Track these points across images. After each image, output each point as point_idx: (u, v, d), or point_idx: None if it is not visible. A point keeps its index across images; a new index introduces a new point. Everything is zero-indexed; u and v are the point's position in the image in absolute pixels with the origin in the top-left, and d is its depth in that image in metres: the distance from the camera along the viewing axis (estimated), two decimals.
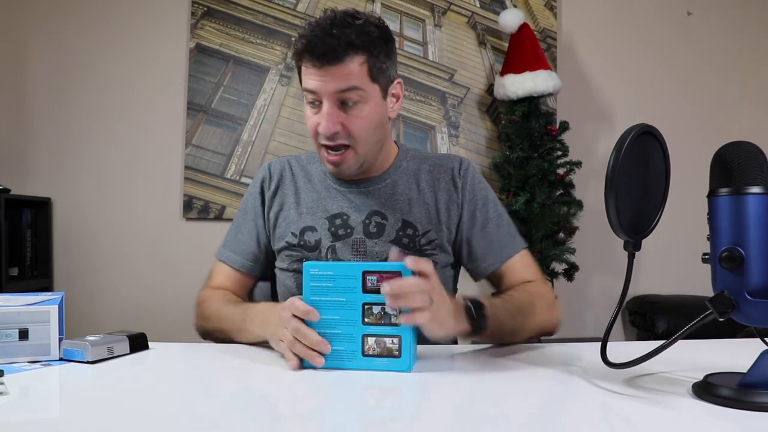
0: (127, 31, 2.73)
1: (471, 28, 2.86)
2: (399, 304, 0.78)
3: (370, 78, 1.00)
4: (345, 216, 1.10)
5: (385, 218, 1.10)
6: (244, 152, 2.71)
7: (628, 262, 0.77)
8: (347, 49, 0.96)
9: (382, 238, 1.09)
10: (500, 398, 0.74)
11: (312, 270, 0.83)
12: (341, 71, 0.96)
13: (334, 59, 0.96)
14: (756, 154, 0.67)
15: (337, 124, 0.99)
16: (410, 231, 1.10)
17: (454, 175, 1.14)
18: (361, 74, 0.98)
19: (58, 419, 0.65)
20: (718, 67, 2.94)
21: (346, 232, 1.09)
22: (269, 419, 0.66)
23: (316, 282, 0.82)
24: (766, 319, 0.66)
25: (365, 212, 1.10)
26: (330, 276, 0.82)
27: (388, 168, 1.14)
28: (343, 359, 0.82)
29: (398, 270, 0.80)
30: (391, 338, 0.81)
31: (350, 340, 0.81)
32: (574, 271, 2.55)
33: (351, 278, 0.82)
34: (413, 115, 2.78)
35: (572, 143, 2.61)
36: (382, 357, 0.81)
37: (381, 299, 0.80)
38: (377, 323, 0.81)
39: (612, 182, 0.70)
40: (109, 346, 0.90)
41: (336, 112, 0.99)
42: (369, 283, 0.81)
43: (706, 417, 0.65)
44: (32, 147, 2.70)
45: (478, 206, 1.13)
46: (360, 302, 0.81)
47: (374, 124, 1.03)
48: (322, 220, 1.10)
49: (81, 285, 2.67)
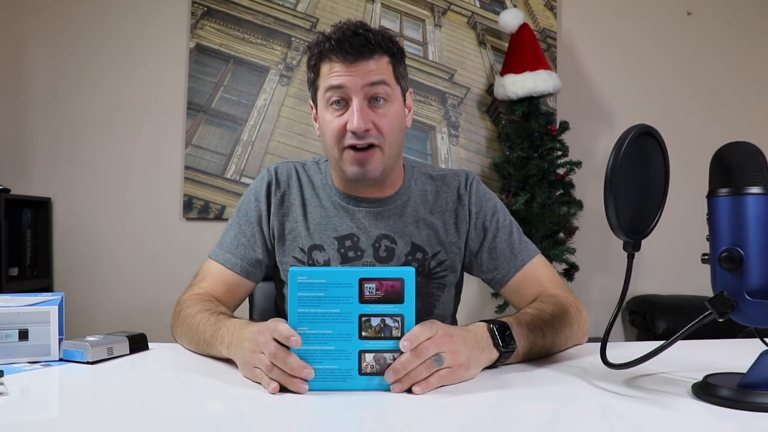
0: (127, 31, 2.73)
1: (471, 28, 2.85)
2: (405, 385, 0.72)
3: (395, 78, 1.02)
4: (355, 238, 1.08)
5: (394, 242, 1.08)
6: (244, 152, 2.71)
7: (628, 262, 0.77)
8: (375, 48, 0.98)
9: (392, 262, 1.08)
10: (500, 398, 0.73)
11: (300, 277, 0.72)
12: (371, 66, 0.98)
13: (364, 55, 0.97)
14: (755, 154, 0.67)
15: (369, 121, 0.98)
16: (419, 255, 1.09)
17: (461, 192, 1.13)
18: (388, 72, 1.01)
19: (58, 419, 0.65)
20: (718, 67, 2.94)
21: (356, 255, 1.08)
22: (271, 419, 0.66)
23: (305, 291, 0.72)
24: (765, 319, 0.66)
25: (374, 235, 1.08)
26: (322, 284, 0.72)
27: (398, 189, 1.11)
28: (336, 379, 0.72)
29: (399, 277, 0.73)
30: (391, 353, 0.72)
31: (345, 357, 0.72)
32: (574, 271, 2.55)
33: (346, 287, 0.72)
34: (413, 115, 2.78)
35: (572, 143, 2.61)
36: (381, 375, 0.72)
37: (380, 310, 0.72)
38: (376, 337, 0.72)
39: (611, 182, 0.70)
40: (109, 346, 0.90)
41: (366, 109, 0.99)
42: (367, 291, 0.72)
43: (706, 417, 0.65)
44: (32, 147, 2.70)
45: (487, 217, 1.12)
46: (356, 314, 0.72)
47: (398, 126, 1.03)
48: (330, 239, 1.08)
49: (81, 285, 2.67)
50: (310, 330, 0.72)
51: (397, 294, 0.73)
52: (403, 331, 0.73)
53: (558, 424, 0.66)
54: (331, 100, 1.00)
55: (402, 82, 1.05)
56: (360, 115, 0.97)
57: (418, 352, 0.72)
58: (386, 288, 0.72)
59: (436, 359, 0.72)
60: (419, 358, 0.71)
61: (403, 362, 0.71)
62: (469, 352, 0.76)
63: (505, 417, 0.68)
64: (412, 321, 0.73)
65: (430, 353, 0.72)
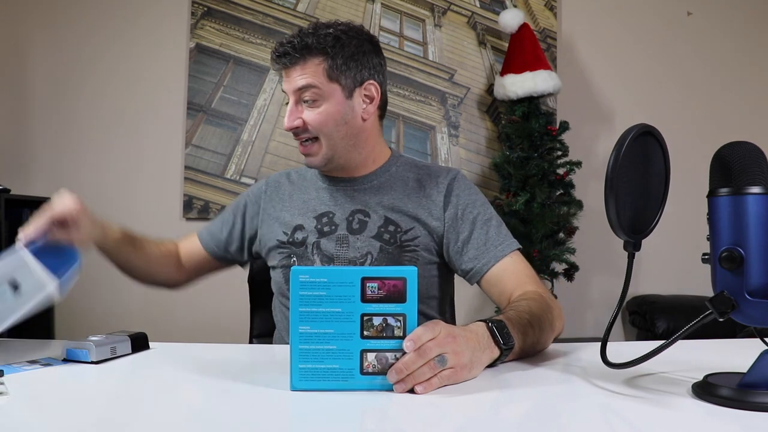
0: (127, 31, 2.73)
1: (471, 28, 2.86)
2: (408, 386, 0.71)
3: (327, 77, 1.09)
4: (331, 214, 1.17)
5: (367, 216, 1.14)
6: (244, 152, 2.71)
7: (628, 262, 0.77)
8: (302, 52, 1.07)
9: (364, 233, 1.13)
10: (500, 398, 0.74)
11: (302, 276, 0.72)
12: (298, 72, 1.08)
13: (294, 61, 1.08)
14: (756, 154, 0.67)
15: (297, 120, 1.09)
16: (392, 228, 1.13)
17: (440, 181, 1.17)
18: (316, 73, 1.08)
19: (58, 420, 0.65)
20: (718, 67, 2.94)
21: (330, 228, 1.15)
22: (272, 419, 0.66)
23: (306, 290, 0.72)
24: (766, 319, 0.66)
25: (349, 210, 1.16)
26: (323, 283, 0.72)
27: (375, 170, 1.18)
28: (338, 379, 0.72)
29: (402, 276, 0.72)
30: (393, 353, 0.72)
31: (347, 356, 0.72)
32: (574, 271, 2.55)
33: (348, 285, 0.72)
34: (413, 115, 2.78)
35: (572, 143, 2.61)
36: (383, 374, 0.72)
37: (382, 309, 0.72)
38: (378, 336, 0.72)
39: (612, 182, 0.70)
40: (113, 346, 0.90)
41: (295, 109, 1.10)
42: (369, 290, 0.72)
43: (706, 417, 0.65)
44: (32, 147, 2.70)
45: (467, 209, 1.14)
46: (358, 313, 0.72)
47: (334, 121, 1.10)
48: (310, 219, 1.17)
49: (81, 285, 2.66)
50: (312, 329, 0.72)
51: (399, 293, 0.73)
52: (406, 330, 0.73)
53: (558, 424, 0.66)
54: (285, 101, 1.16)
55: (341, 79, 1.09)
56: (288, 115, 1.10)
57: (422, 353, 0.72)
58: (388, 287, 0.72)
59: (440, 360, 0.72)
60: (422, 359, 0.72)
61: (406, 362, 0.71)
62: (471, 353, 0.77)
63: (505, 417, 0.68)
64: (414, 320, 0.73)
65: (434, 354, 0.72)
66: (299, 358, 0.72)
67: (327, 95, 1.09)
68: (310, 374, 0.72)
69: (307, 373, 0.72)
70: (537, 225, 2.46)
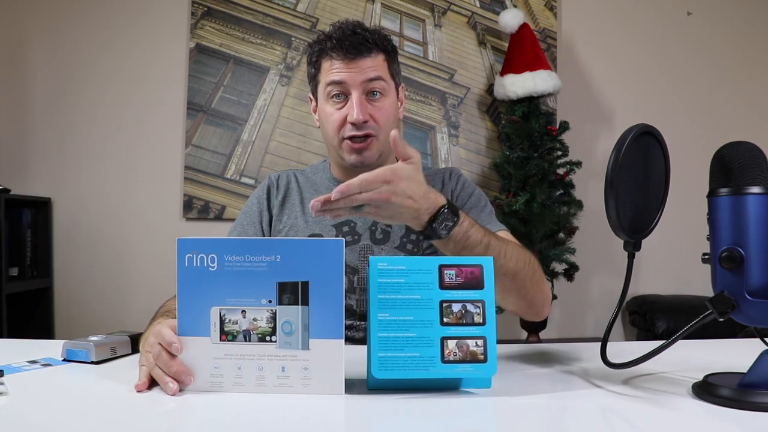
0: (127, 31, 2.73)
1: (471, 28, 2.86)
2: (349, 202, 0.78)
3: (390, 74, 1.12)
4: (352, 223, 1.14)
5: (389, 225, 1.13)
6: (244, 152, 2.71)
7: (628, 262, 0.77)
8: (372, 46, 1.08)
9: (388, 244, 1.13)
10: (500, 398, 0.73)
11: (380, 264, 0.73)
12: (368, 63, 1.08)
13: (363, 52, 1.07)
14: (756, 154, 0.67)
15: (367, 113, 1.07)
16: (413, 236, 1.13)
17: (445, 181, 1.21)
18: (383, 68, 1.11)
19: (58, 420, 0.65)
20: (718, 67, 2.94)
21: (353, 238, 1.13)
22: (274, 418, 0.66)
23: (384, 278, 0.73)
24: (766, 319, 0.66)
25: (371, 219, 1.12)
26: (401, 271, 0.73)
27: None
28: (419, 368, 0.71)
29: (478, 263, 0.73)
30: (474, 340, 0.71)
31: (427, 344, 0.71)
32: (574, 271, 2.55)
33: (426, 273, 0.73)
34: (413, 115, 2.78)
35: (572, 143, 2.61)
36: (464, 363, 0.71)
37: (461, 296, 0.72)
38: (458, 323, 0.72)
39: (612, 182, 0.70)
40: (113, 346, 0.90)
41: (365, 102, 1.08)
42: (447, 278, 0.73)
43: (706, 417, 0.65)
44: (32, 147, 2.70)
45: (463, 196, 1.18)
46: (437, 300, 0.72)
47: (392, 118, 1.12)
48: (329, 227, 1.14)
49: (81, 285, 2.67)
50: (391, 316, 0.72)
51: (477, 280, 0.73)
52: (485, 317, 0.72)
53: (558, 424, 0.66)
54: (332, 93, 1.09)
55: (395, 78, 1.15)
56: (359, 108, 1.06)
57: (348, 201, 0.78)
58: (466, 274, 0.73)
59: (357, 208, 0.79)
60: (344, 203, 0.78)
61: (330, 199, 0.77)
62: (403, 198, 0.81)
63: (505, 417, 0.68)
64: (492, 307, 0.72)
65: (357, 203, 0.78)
66: (378, 346, 0.71)
67: (389, 91, 1.12)
68: (390, 363, 0.71)
69: (387, 363, 0.71)
70: (537, 225, 2.46)
